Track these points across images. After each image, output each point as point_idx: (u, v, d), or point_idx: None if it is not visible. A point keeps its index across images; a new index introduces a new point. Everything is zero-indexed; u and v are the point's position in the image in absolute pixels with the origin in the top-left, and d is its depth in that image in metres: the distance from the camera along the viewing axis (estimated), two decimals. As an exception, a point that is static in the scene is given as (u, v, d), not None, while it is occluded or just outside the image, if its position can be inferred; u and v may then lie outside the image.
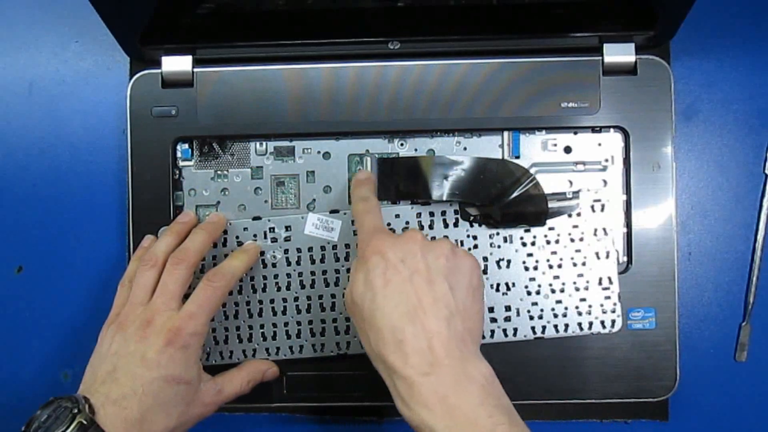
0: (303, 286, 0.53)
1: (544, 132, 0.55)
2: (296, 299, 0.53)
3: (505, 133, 0.55)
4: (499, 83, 0.53)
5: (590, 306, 0.53)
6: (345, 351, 0.53)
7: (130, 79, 0.55)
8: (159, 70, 0.54)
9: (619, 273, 0.53)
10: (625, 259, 0.54)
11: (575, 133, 0.55)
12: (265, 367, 0.52)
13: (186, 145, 0.55)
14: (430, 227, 0.53)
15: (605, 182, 0.54)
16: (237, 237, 0.53)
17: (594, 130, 0.54)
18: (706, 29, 0.57)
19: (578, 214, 0.53)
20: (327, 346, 0.53)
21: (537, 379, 0.53)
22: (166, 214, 0.54)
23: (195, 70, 0.54)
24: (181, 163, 0.55)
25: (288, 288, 0.53)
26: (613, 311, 0.52)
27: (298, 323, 0.53)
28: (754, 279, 0.56)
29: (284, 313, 0.53)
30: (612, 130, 0.54)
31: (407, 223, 0.53)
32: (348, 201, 0.55)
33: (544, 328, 0.52)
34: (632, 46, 0.53)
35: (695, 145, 0.57)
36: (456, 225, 0.53)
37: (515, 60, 0.54)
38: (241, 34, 0.53)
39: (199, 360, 0.47)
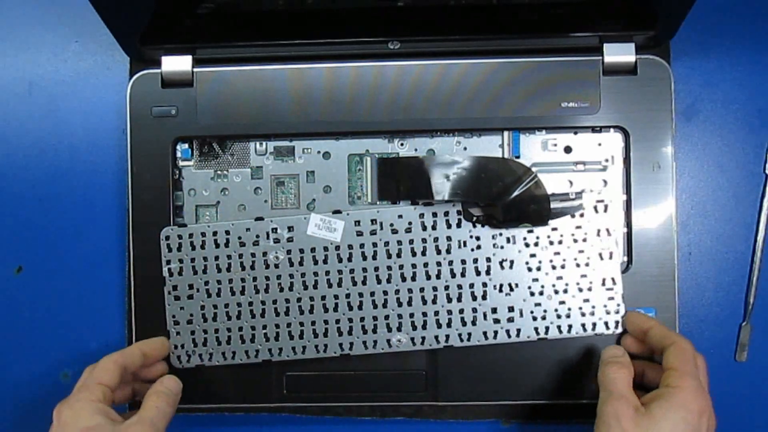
0: (306, 287, 0.53)
1: (544, 132, 0.55)
2: (299, 300, 0.53)
3: (505, 133, 0.55)
4: (499, 83, 0.53)
5: (593, 307, 0.52)
6: (348, 352, 0.53)
7: (130, 79, 0.55)
8: (159, 70, 0.54)
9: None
10: (625, 259, 0.54)
11: (575, 133, 0.55)
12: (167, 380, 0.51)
13: (186, 145, 0.55)
14: (433, 228, 0.53)
15: (605, 182, 0.54)
16: (239, 237, 0.53)
17: (594, 130, 0.54)
18: (706, 29, 0.57)
19: (581, 215, 0.53)
20: (330, 347, 0.53)
21: (537, 380, 0.53)
22: (166, 214, 0.54)
23: (195, 70, 0.54)
24: (181, 163, 0.55)
25: (291, 289, 0.53)
26: (617, 312, 0.52)
27: (301, 324, 0.53)
28: (754, 279, 0.56)
29: (287, 313, 0.53)
30: (612, 130, 0.54)
31: (410, 223, 0.53)
32: (348, 201, 0.55)
33: (547, 329, 0.52)
34: (632, 46, 0.53)
35: (695, 145, 0.57)
36: (459, 226, 0.53)
37: (515, 60, 0.54)
38: (241, 34, 0.53)
39: (97, 405, 0.46)
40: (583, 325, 0.52)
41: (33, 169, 0.58)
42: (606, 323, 0.52)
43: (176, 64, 0.54)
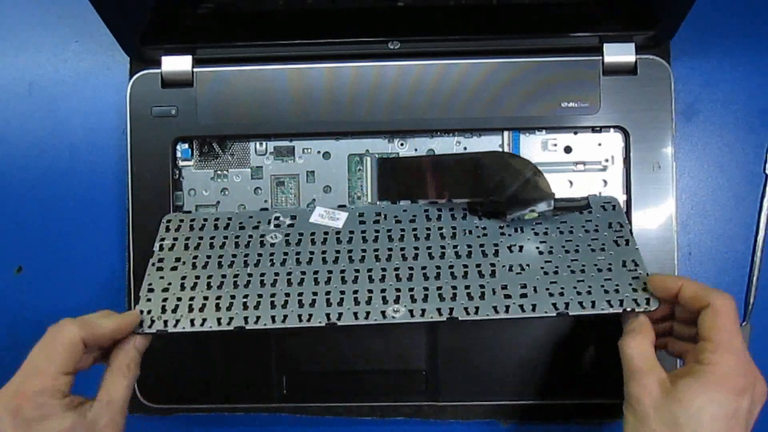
0: (299, 262, 0.49)
1: (544, 132, 0.55)
2: (289, 274, 0.48)
3: (505, 133, 0.55)
4: (499, 83, 0.53)
5: (617, 285, 0.46)
6: (335, 321, 0.45)
7: (130, 79, 0.55)
8: (159, 70, 0.54)
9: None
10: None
11: (575, 133, 0.55)
12: (131, 339, 0.45)
13: (186, 145, 0.55)
14: (438, 219, 0.52)
15: (605, 182, 0.54)
16: (240, 223, 0.52)
17: (594, 130, 0.54)
18: (706, 29, 0.57)
19: (589, 212, 0.52)
20: (315, 316, 0.46)
21: (537, 380, 0.53)
22: (166, 214, 0.54)
23: (195, 70, 0.54)
24: (181, 163, 0.55)
25: (282, 264, 0.49)
26: (645, 289, 0.45)
27: (287, 294, 0.47)
28: (754, 279, 0.56)
29: (273, 285, 0.48)
30: (612, 130, 0.54)
31: (414, 216, 0.52)
32: (348, 201, 0.55)
33: (567, 304, 0.45)
34: (632, 46, 0.53)
35: (695, 145, 0.57)
36: (464, 218, 0.51)
37: (515, 60, 0.54)
38: (241, 34, 0.53)
39: (64, 400, 0.41)
40: (609, 302, 0.45)
41: (33, 169, 0.58)
42: (635, 300, 0.45)
43: (176, 64, 0.54)
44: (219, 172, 0.55)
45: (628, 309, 0.45)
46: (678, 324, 0.46)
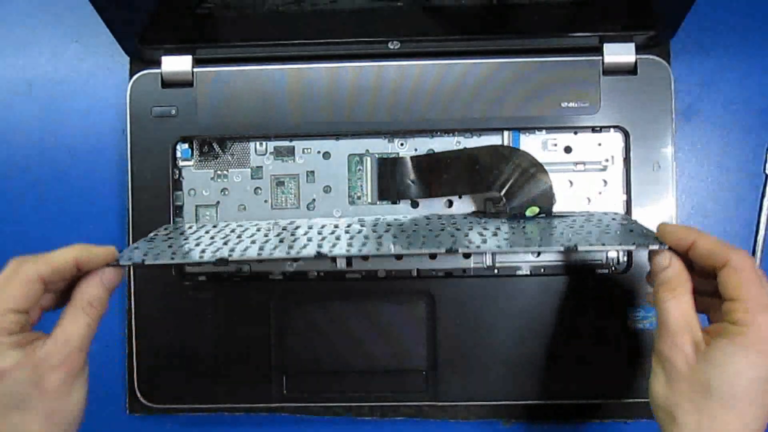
0: (293, 235, 0.49)
1: (544, 132, 0.55)
2: (281, 240, 0.47)
3: (505, 133, 0.55)
4: (499, 83, 0.53)
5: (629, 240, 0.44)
6: (325, 253, 0.43)
7: (130, 79, 0.55)
8: (159, 70, 0.54)
9: (619, 273, 0.53)
10: (626, 259, 0.54)
11: (575, 133, 0.55)
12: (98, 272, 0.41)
13: (186, 145, 0.55)
14: (439, 219, 0.52)
15: (605, 182, 0.54)
16: (239, 224, 0.53)
17: (594, 130, 0.54)
18: (706, 29, 0.57)
19: (591, 214, 0.52)
20: (304, 253, 0.44)
21: (538, 380, 0.53)
22: (166, 214, 0.54)
23: (195, 70, 0.54)
24: (181, 163, 0.55)
25: (277, 236, 0.48)
26: (656, 238, 0.42)
27: (275, 246, 0.46)
28: (754, 279, 0.56)
29: (263, 244, 0.46)
30: (612, 130, 0.54)
31: (414, 217, 0.52)
32: (348, 201, 0.55)
33: (575, 246, 0.42)
34: (632, 46, 0.53)
35: (695, 145, 0.57)
36: (465, 218, 0.52)
37: (515, 60, 0.54)
38: (241, 34, 0.53)
39: (10, 338, 0.39)
40: (620, 243, 0.43)
41: (33, 169, 0.58)
42: (647, 243, 0.42)
43: (176, 64, 0.54)
44: (219, 172, 0.55)
45: (640, 244, 0.42)
46: (697, 279, 0.42)
